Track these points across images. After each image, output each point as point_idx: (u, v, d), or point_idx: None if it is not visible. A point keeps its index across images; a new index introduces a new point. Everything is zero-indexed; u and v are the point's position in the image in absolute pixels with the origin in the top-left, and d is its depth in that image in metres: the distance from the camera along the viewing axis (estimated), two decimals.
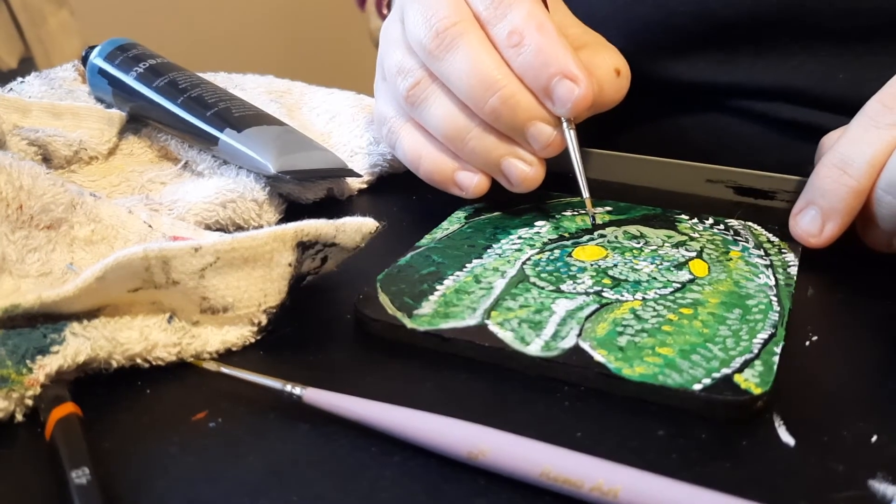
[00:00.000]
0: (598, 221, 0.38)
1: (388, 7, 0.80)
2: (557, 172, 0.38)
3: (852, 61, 0.44)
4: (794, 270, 0.33)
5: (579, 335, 0.29)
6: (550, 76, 0.35)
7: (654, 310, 0.30)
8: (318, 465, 0.24)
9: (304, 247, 0.29)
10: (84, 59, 0.49)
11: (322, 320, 0.31)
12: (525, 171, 0.37)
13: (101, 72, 0.47)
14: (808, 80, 0.45)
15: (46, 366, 0.26)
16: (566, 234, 0.37)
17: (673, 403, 0.26)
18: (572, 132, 0.36)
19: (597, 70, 0.38)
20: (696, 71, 0.47)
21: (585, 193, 0.35)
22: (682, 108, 0.50)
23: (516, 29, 0.35)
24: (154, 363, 0.28)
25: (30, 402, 0.26)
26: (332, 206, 0.42)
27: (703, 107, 0.49)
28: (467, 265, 0.34)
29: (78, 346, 0.26)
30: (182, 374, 0.28)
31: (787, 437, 0.25)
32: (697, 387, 0.26)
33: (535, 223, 0.38)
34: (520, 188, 0.38)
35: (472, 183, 0.38)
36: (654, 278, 0.32)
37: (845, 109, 0.36)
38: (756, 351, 0.27)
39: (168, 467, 0.24)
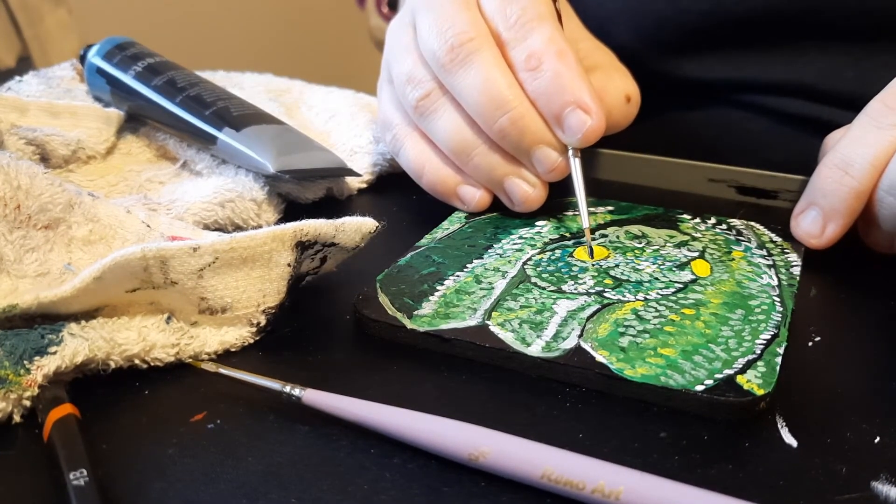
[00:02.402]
0: (597, 228, 0.38)
1: (389, 6, 0.80)
2: None
3: (862, 59, 0.44)
4: (796, 271, 0.33)
5: (580, 336, 0.28)
6: (564, 104, 0.35)
7: (656, 310, 0.30)
8: (317, 467, 0.24)
9: (303, 247, 0.29)
10: (82, 58, 0.49)
11: (322, 321, 0.31)
12: (528, 191, 0.37)
13: (100, 71, 0.46)
14: (818, 77, 0.45)
15: (44, 366, 0.25)
16: (567, 234, 0.37)
17: (675, 404, 0.26)
18: (577, 160, 0.36)
19: (607, 96, 0.38)
20: (706, 67, 0.47)
21: (586, 223, 0.35)
22: (691, 104, 0.50)
23: (535, 53, 0.35)
24: (152, 364, 0.28)
25: (27, 403, 0.25)
26: (332, 206, 0.42)
27: (711, 102, 0.49)
28: (468, 265, 0.33)
29: (76, 346, 0.26)
30: (180, 375, 0.28)
31: (789, 439, 0.25)
32: (699, 388, 0.26)
33: (536, 223, 0.38)
34: (521, 208, 0.38)
35: (475, 198, 0.38)
36: (656, 278, 0.32)
37: (853, 105, 0.36)
38: (759, 352, 0.27)
39: (166, 469, 0.24)
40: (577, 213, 0.39)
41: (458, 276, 0.33)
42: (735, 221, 0.38)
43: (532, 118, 0.35)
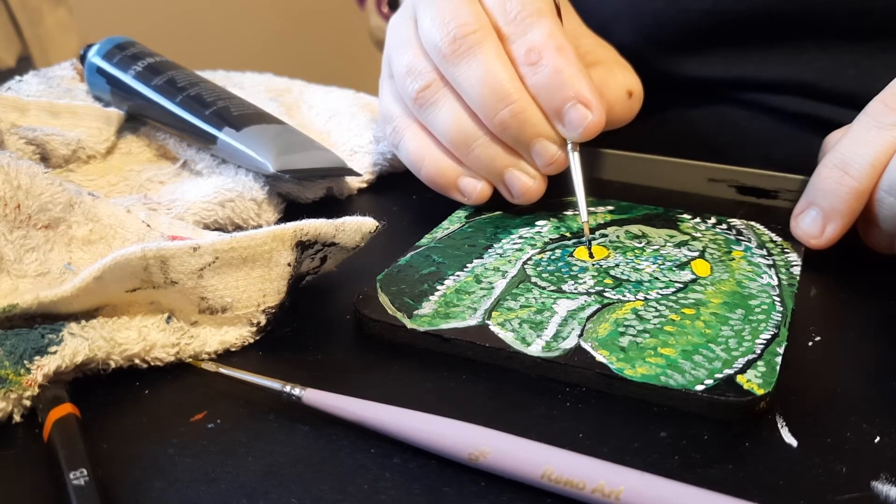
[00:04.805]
0: (597, 228, 0.38)
1: (389, 6, 0.80)
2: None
3: (863, 58, 0.44)
4: (796, 270, 0.33)
5: (581, 335, 0.28)
6: (565, 99, 0.35)
7: (657, 310, 0.30)
8: (317, 467, 0.24)
9: (303, 246, 0.29)
10: (82, 58, 0.49)
11: (322, 320, 0.31)
12: (527, 183, 0.37)
13: (100, 70, 0.46)
14: (819, 75, 0.45)
15: (44, 366, 0.25)
16: (567, 234, 0.37)
17: (675, 404, 0.26)
18: (576, 154, 0.36)
19: (609, 91, 0.38)
20: (707, 66, 0.48)
21: (584, 217, 0.35)
22: (692, 102, 0.50)
23: (535, 47, 0.35)
24: (152, 364, 0.28)
25: (28, 403, 0.25)
26: (332, 206, 0.42)
27: (712, 100, 0.49)
28: (468, 265, 0.33)
29: (76, 346, 0.26)
30: (180, 374, 0.28)
31: (789, 438, 0.25)
32: (700, 387, 0.26)
33: (537, 222, 0.38)
34: (520, 200, 0.38)
35: (476, 189, 0.38)
36: (656, 278, 0.32)
37: (854, 104, 0.36)
38: (759, 351, 0.27)
39: (166, 468, 0.24)
40: (577, 212, 0.39)
41: (458, 275, 0.33)
42: (735, 221, 0.38)
43: (533, 111, 0.35)
